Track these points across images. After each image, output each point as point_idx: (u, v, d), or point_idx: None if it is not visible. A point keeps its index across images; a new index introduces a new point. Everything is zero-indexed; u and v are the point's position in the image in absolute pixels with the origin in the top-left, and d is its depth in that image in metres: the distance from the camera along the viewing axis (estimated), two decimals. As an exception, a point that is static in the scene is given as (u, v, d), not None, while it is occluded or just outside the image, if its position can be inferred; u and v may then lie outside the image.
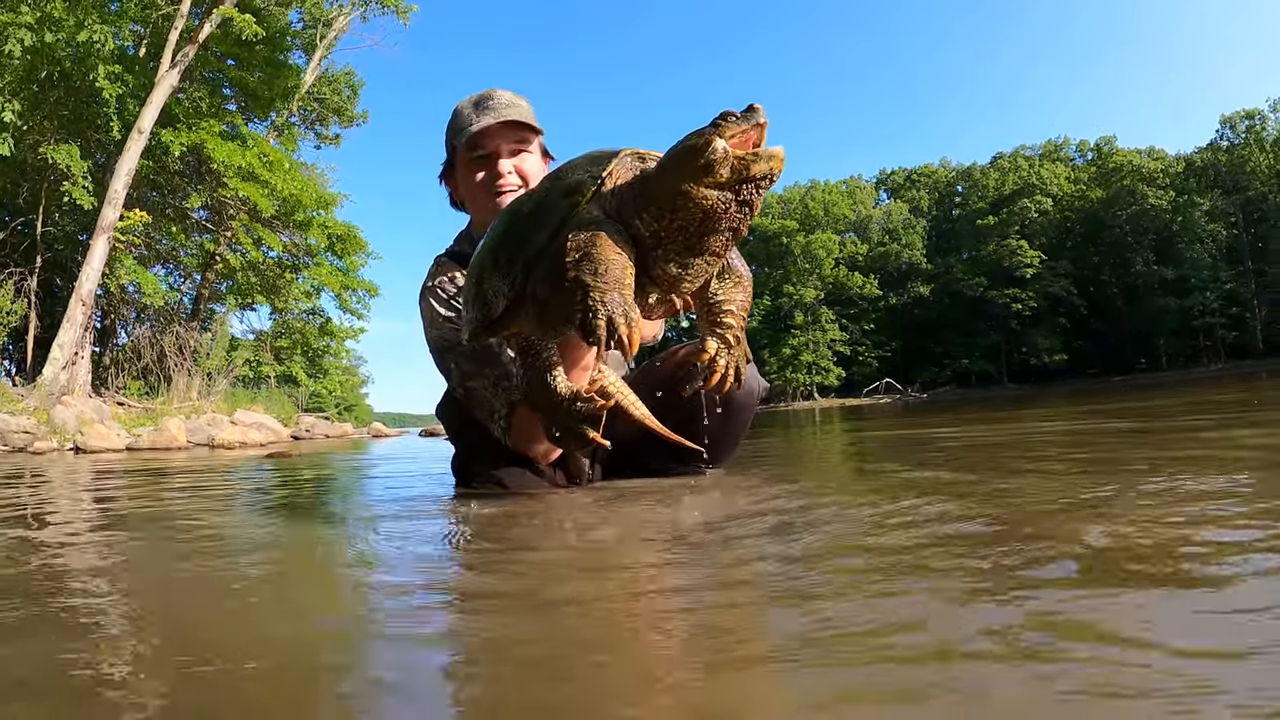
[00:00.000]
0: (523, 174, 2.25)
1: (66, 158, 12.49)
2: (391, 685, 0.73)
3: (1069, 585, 0.91)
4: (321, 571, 1.38)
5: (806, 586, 0.99)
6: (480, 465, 2.29)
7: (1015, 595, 0.87)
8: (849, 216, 63.23)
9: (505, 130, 2.23)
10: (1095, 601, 0.84)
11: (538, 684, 0.72)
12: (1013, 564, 1.02)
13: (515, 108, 2.26)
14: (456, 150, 2.29)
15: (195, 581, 1.26)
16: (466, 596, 1.10)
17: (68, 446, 8.90)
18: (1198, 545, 1.05)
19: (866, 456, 3.58)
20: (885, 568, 1.05)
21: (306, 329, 22.43)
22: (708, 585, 1.06)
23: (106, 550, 1.57)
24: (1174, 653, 0.67)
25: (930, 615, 0.83)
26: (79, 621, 0.99)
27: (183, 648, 0.87)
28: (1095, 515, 1.32)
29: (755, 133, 1.36)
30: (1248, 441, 2.69)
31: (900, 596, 0.91)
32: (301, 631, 0.96)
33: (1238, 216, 55.38)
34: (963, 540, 1.20)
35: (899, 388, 52.73)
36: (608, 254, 1.36)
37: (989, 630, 0.75)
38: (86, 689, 0.73)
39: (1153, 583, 0.89)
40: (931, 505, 1.55)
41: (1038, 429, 4.52)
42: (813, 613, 0.86)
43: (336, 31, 20.17)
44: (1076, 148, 64.89)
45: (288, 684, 0.76)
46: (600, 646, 0.82)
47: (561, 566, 1.25)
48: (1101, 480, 1.76)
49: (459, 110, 2.30)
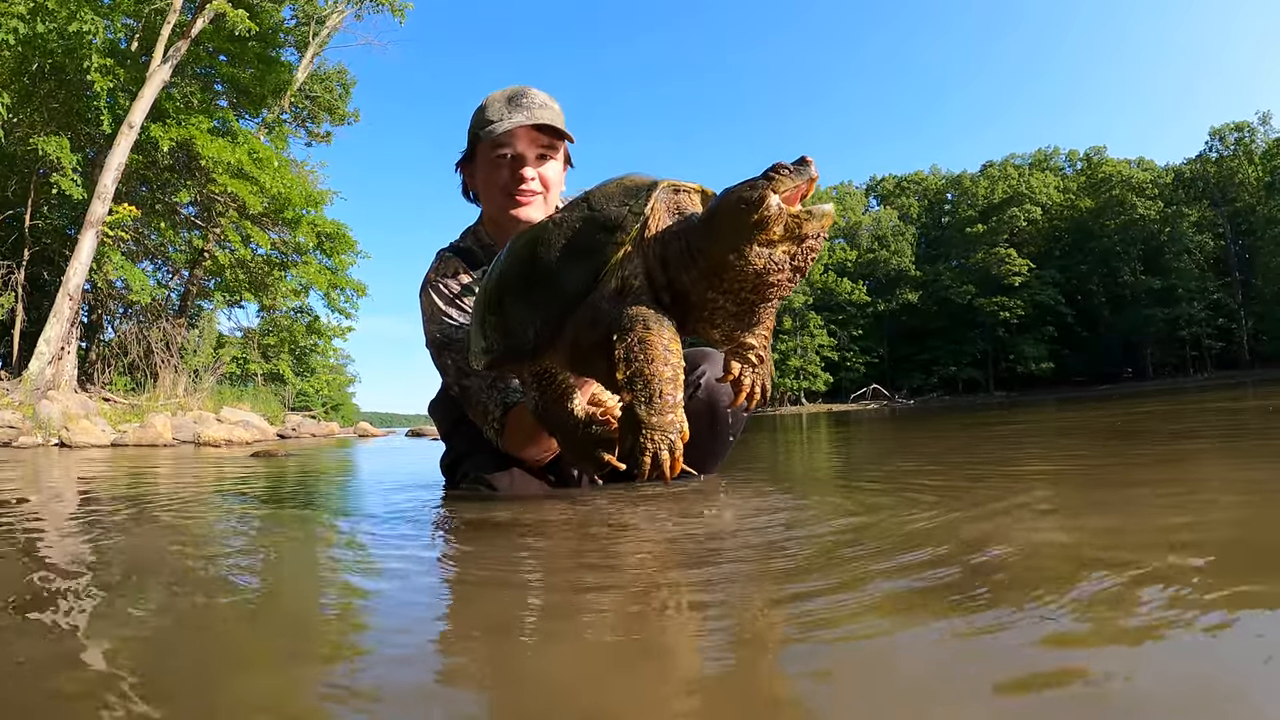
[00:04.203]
0: (545, 181, 2.21)
1: (56, 149, 12.41)
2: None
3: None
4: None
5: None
6: (471, 465, 2.27)
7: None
8: (838, 222, 63.35)
9: (534, 133, 2.18)
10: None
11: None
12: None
13: (548, 110, 2.20)
14: (480, 142, 2.21)
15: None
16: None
17: (53, 442, 8.83)
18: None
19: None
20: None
21: (294, 327, 22.37)
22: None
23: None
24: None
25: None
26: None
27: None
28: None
29: (806, 186, 1.30)
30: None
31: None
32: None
33: (1226, 228, 55.82)
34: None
35: (886, 394, 52.85)
36: (659, 369, 1.31)
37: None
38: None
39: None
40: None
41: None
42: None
43: (330, 29, 20.13)
44: (1066, 157, 65.31)
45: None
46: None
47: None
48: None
49: (489, 103, 2.21)
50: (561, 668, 0.77)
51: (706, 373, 2.16)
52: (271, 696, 0.72)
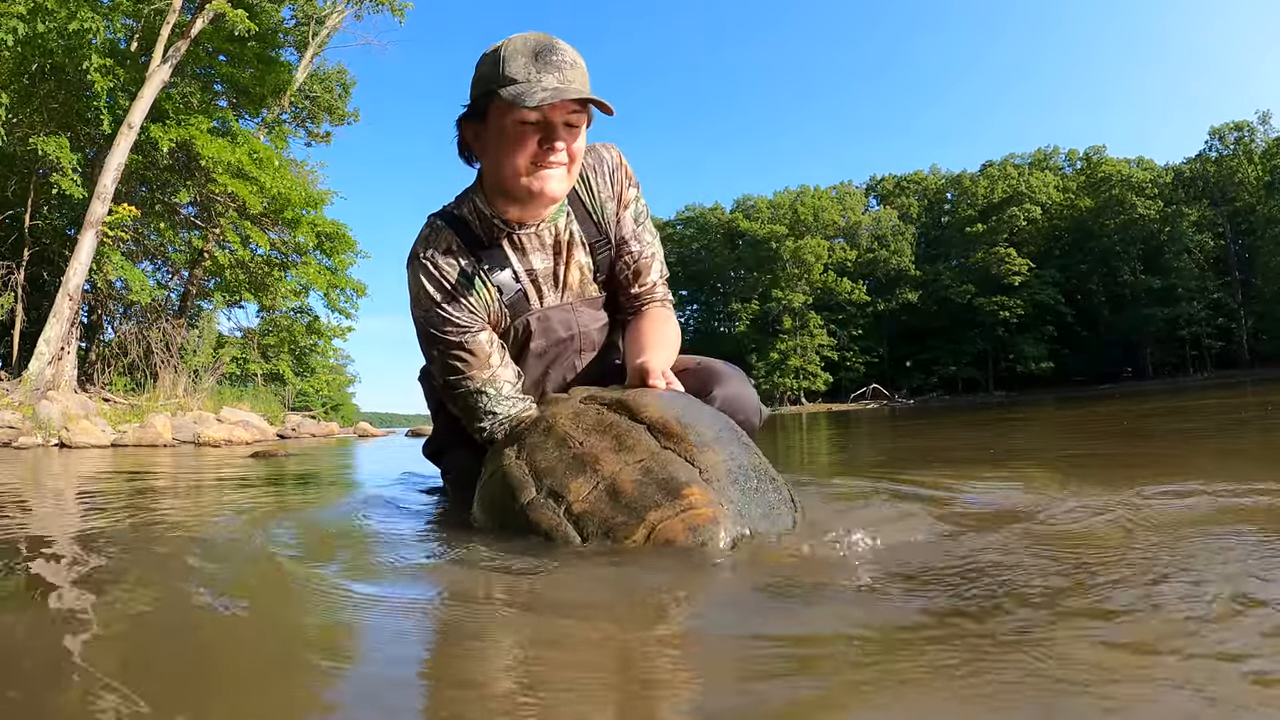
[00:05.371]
0: (572, 154, 1.87)
1: (56, 149, 12.39)
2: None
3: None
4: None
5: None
6: (454, 460, 2.22)
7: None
8: (838, 222, 63.37)
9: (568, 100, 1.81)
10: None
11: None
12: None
13: (577, 71, 1.82)
14: (495, 98, 1.82)
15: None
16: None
17: (52, 442, 8.83)
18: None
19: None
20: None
21: (294, 327, 22.35)
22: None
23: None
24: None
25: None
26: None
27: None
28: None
29: None
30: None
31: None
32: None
33: (1225, 227, 55.81)
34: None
35: (886, 393, 52.85)
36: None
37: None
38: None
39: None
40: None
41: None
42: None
43: (329, 29, 20.13)
44: (1066, 157, 65.29)
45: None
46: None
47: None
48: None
49: (509, 54, 1.80)
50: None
51: (719, 398, 1.96)
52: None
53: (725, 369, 2.06)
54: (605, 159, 2.07)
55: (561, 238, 2.01)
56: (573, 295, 2.05)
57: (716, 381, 1.99)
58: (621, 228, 2.08)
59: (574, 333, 2.07)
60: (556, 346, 2.07)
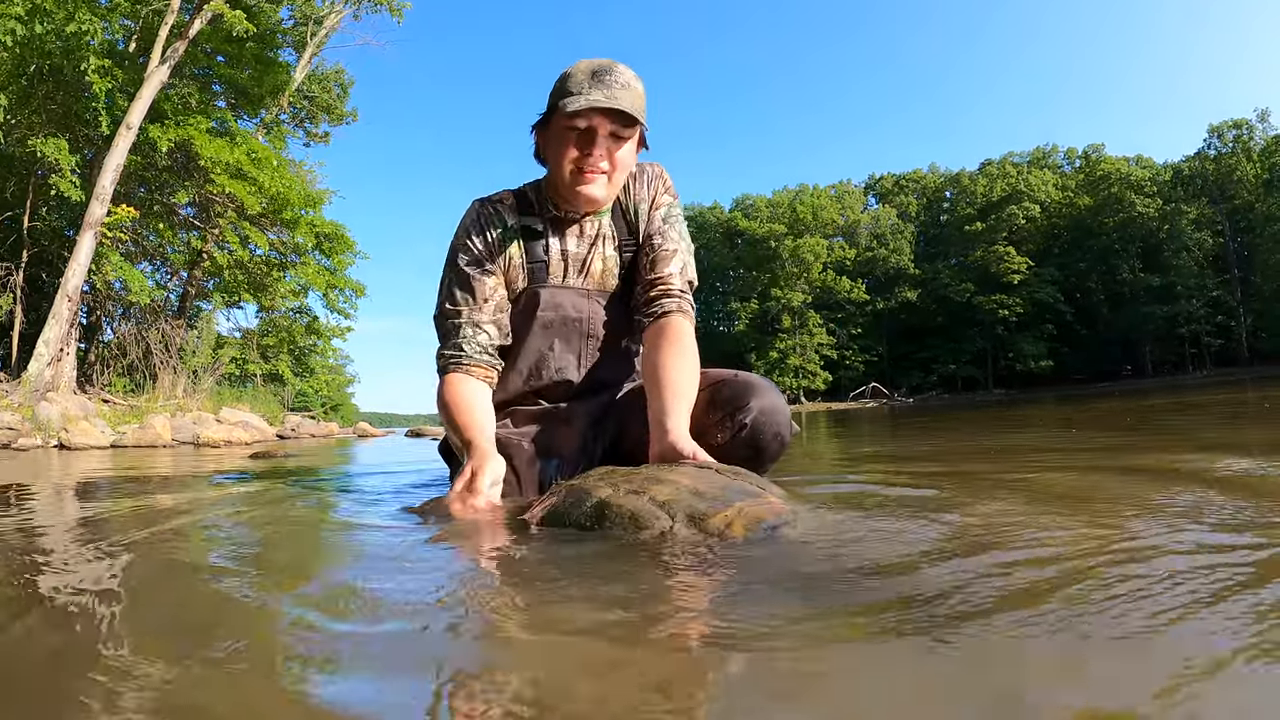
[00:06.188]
0: (614, 161, 2.13)
1: (55, 151, 12.40)
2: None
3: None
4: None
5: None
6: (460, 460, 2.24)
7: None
8: (837, 221, 63.48)
9: (610, 112, 2.06)
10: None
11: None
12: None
13: (628, 92, 2.07)
14: (557, 111, 2.10)
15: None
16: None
17: (52, 443, 8.83)
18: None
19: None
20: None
21: (293, 327, 22.35)
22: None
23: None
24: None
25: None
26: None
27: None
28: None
29: None
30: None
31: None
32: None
33: (1224, 225, 55.90)
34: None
35: (885, 392, 52.89)
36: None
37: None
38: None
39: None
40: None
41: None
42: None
43: (328, 29, 20.12)
44: (1065, 155, 65.44)
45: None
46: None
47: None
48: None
49: (573, 72, 2.10)
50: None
51: (755, 409, 2.03)
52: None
53: (761, 381, 2.12)
54: (648, 171, 2.33)
55: (601, 231, 2.26)
56: (594, 283, 2.26)
57: (753, 394, 2.05)
58: (650, 224, 2.29)
59: (582, 316, 2.24)
60: (564, 325, 2.23)
